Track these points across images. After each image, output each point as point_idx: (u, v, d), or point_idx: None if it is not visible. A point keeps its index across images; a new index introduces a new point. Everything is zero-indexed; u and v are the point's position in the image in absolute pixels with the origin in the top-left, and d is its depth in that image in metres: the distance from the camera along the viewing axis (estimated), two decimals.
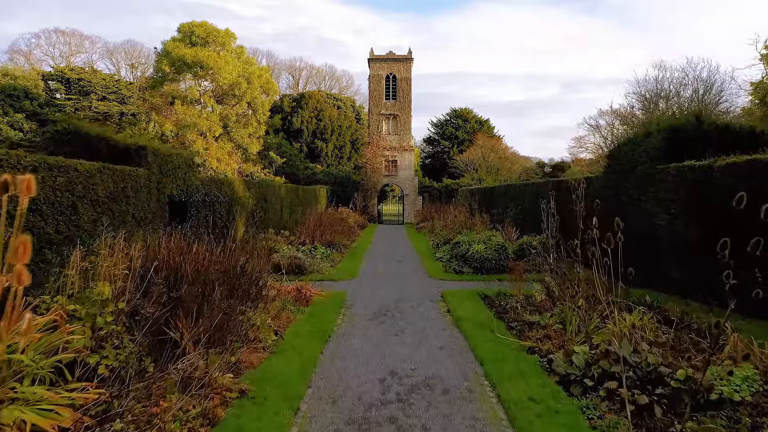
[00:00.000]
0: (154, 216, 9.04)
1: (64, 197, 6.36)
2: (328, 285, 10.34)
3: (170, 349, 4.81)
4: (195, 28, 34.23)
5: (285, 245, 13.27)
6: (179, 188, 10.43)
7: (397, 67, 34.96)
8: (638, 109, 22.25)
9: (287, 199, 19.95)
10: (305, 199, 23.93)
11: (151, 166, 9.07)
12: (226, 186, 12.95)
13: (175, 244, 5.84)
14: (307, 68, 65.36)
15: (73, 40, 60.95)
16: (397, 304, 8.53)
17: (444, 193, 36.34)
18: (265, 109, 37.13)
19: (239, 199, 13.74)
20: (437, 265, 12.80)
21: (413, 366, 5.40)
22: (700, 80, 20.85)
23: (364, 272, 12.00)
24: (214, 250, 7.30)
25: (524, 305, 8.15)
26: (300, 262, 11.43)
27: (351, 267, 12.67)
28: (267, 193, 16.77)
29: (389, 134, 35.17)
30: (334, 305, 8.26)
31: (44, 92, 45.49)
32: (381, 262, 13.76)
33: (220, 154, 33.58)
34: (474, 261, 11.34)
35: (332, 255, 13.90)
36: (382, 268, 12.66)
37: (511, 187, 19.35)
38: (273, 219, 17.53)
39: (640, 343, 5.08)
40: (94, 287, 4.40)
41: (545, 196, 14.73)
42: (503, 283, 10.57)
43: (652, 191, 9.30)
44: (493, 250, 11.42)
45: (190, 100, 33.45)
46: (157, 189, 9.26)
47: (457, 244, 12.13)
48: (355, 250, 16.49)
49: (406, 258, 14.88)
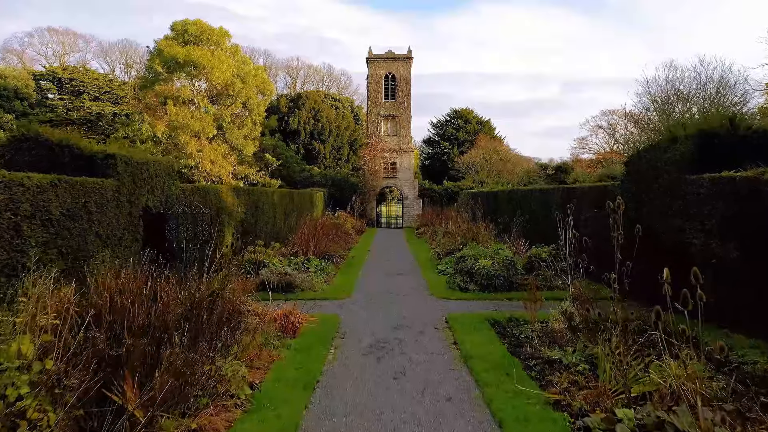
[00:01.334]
0: (124, 233, 8.05)
1: (3, 218, 5.38)
2: (320, 306, 9.37)
3: (113, 416, 3.84)
4: (188, 26, 33.22)
5: (275, 258, 12.30)
6: (157, 199, 9.46)
7: (396, 67, 33.98)
8: (653, 111, 21.29)
9: (281, 205, 18.98)
10: (300, 204, 22.95)
11: (122, 176, 8.09)
12: (212, 195, 11.98)
13: (126, 281, 4.85)
14: (305, 68, 64.41)
15: (67, 39, 59.93)
16: (396, 333, 7.56)
17: (444, 196, 35.38)
18: (261, 110, 36.12)
19: (227, 208, 12.77)
20: (440, 280, 11.84)
21: (416, 428, 4.43)
22: (712, 80, 19.93)
23: (360, 289, 11.03)
24: (186, 277, 6.35)
25: (540, 334, 7.19)
26: (290, 279, 10.45)
27: (346, 283, 11.70)
28: (259, 200, 15.79)
29: (388, 135, 34.19)
30: (326, 335, 7.30)
31: (35, 92, 44.45)
32: (379, 276, 12.79)
33: (214, 156, 32.57)
34: (480, 278, 10.37)
35: (327, 268, 12.92)
36: (380, 284, 11.69)
37: (515, 193, 18.39)
38: (265, 227, 16.56)
39: (698, 405, 4.11)
40: (9, 345, 3.42)
41: (556, 204, 13.74)
42: (514, 303, 9.63)
43: (680, 205, 8.33)
44: (501, 266, 10.46)
45: (182, 100, 32.45)
46: (128, 202, 8.28)
47: (462, 259, 11.16)
48: (351, 261, 15.51)
49: (406, 270, 13.91)
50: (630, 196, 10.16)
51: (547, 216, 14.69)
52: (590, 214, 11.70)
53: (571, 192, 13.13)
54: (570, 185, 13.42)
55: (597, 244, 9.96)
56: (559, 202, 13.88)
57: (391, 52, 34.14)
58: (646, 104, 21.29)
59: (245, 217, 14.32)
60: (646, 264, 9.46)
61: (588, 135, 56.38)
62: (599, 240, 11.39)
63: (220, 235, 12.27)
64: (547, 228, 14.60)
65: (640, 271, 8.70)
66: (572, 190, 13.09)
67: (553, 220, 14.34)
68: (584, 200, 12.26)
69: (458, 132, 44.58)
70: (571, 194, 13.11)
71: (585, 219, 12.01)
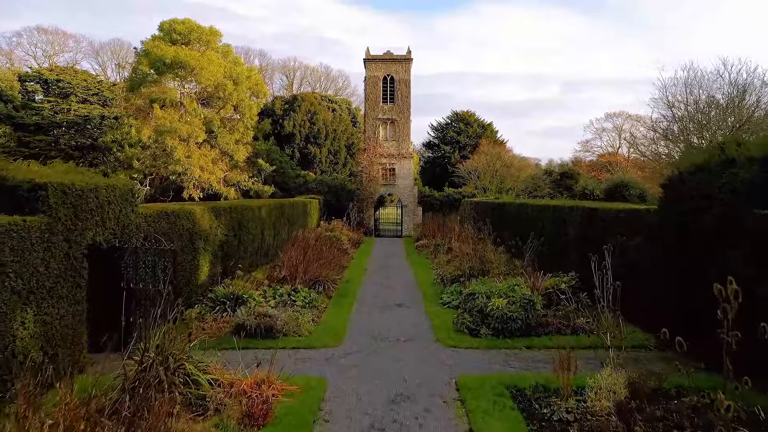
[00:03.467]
0: (58, 281, 6.49)
1: None
2: (304, 361, 7.84)
3: None
4: (176, 26, 31.66)
5: (257, 292, 10.74)
6: (109, 232, 7.90)
7: (395, 68, 32.42)
8: (671, 118, 19.74)
9: (270, 219, 17.42)
10: (293, 216, 21.41)
11: (56, 210, 6.53)
12: (184, 218, 10.42)
13: None
14: (302, 68, 62.88)
15: (57, 38, 58.31)
16: (395, 412, 6.01)
17: (445, 203, 33.83)
18: (254, 113, 34.53)
19: (202, 232, 11.22)
20: (446, 318, 10.30)
21: None
22: (736, 84, 18.41)
23: (353, 331, 9.48)
24: None
25: (579, 416, 5.66)
26: (271, 321, 8.89)
27: (337, 322, 10.14)
28: (243, 218, 14.23)
29: (387, 140, 32.64)
30: (305, 418, 5.74)
31: (20, 94, 42.83)
32: (375, 311, 11.24)
33: (204, 162, 31.01)
34: (494, 320, 8.84)
35: (316, 300, 11.38)
36: (377, 323, 10.15)
37: (525, 208, 16.84)
38: (251, 246, 15.00)
39: None
40: None
41: (574, 225, 12.08)
42: (535, 356, 8.11)
43: (745, 244, 6.79)
44: (518, 306, 8.92)
45: (170, 102, 30.86)
46: (66, 241, 6.72)
47: (471, 296, 9.62)
48: (346, 286, 13.95)
49: (407, 299, 12.37)
50: (672, 224, 8.66)
51: (563, 238, 13.18)
52: (618, 241, 10.18)
53: (593, 214, 11.59)
54: (591, 206, 11.85)
55: (627, 277, 8.45)
56: (578, 222, 12.35)
57: (389, 53, 32.58)
58: (665, 112, 19.76)
59: (226, 239, 12.77)
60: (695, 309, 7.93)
61: (592, 138, 55.04)
62: (630, 273, 9.89)
63: (193, 265, 10.73)
64: (564, 252, 13.09)
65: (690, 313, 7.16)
66: (594, 212, 11.54)
67: (571, 243, 12.86)
68: (610, 224, 10.73)
69: (459, 135, 43.01)
70: (593, 216, 11.58)
71: (612, 247, 10.48)
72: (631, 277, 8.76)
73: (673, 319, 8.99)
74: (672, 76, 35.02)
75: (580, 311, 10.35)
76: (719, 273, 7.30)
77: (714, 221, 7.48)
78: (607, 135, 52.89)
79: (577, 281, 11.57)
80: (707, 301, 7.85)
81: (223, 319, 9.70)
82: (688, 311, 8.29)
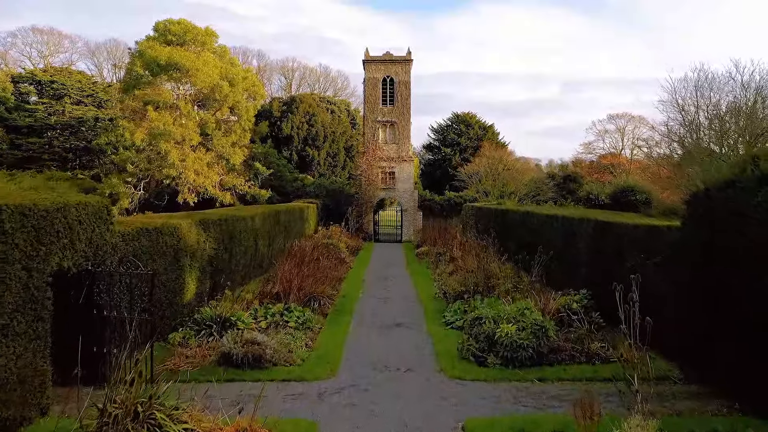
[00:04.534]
0: (14, 317, 5.75)
1: None
2: (294, 396, 7.11)
3: None
4: (171, 26, 30.91)
5: (246, 313, 9.99)
6: (80, 255, 7.17)
7: (395, 69, 31.68)
8: (679, 123, 18.97)
9: (264, 228, 16.70)
10: (289, 223, 20.69)
11: (11, 236, 5.78)
12: (168, 235, 9.69)
13: None
14: (301, 69, 62.09)
15: (52, 38, 57.54)
16: None
17: (446, 207, 33.10)
18: (250, 115, 33.76)
19: (188, 248, 10.49)
20: (449, 341, 9.57)
21: None
22: (749, 87, 17.69)
23: (348, 360, 8.72)
24: None
25: None
26: (260, 350, 8.15)
27: (332, 346, 9.40)
28: (235, 229, 13.51)
29: (386, 143, 31.90)
30: None
31: (13, 96, 42.05)
32: (373, 332, 10.50)
33: (199, 166, 30.25)
34: (503, 348, 8.11)
35: (310, 321, 10.64)
36: (374, 349, 9.39)
37: (530, 217, 16.11)
38: (243, 260, 14.28)
39: None
40: None
41: (585, 237, 11.28)
42: (548, 389, 7.39)
43: None
44: (528, 333, 8.19)
45: (164, 104, 30.10)
46: (25, 269, 5.98)
47: (478, 321, 8.88)
48: (342, 303, 13.19)
49: (407, 318, 11.64)
50: (695, 244, 7.93)
51: (572, 251, 12.46)
52: (636, 261, 9.45)
53: (606, 227, 10.85)
54: (607, 219, 11.11)
55: (646, 297, 7.72)
56: (589, 236, 11.62)
57: (389, 54, 31.83)
58: (674, 115, 18.98)
59: (216, 254, 12.04)
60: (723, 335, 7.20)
61: (594, 140, 54.27)
62: (650, 295, 9.16)
63: (178, 284, 10.00)
64: (573, 266, 12.37)
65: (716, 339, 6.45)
66: (607, 226, 10.80)
67: (581, 257, 12.12)
68: (626, 240, 9.99)
69: (460, 137, 42.23)
70: (606, 230, 10.85)
71: (631, 267, 9.75)
72: (650, 299, 8.06)
73: (697, 346, 8.31)
74: (681, 77, 34.40)
75: (593, 334, 9.64)
76: (752, 297, 6.61)
77: (747, 241, 6.75)
78: (610, 137, 52.14)
79: (590, 299, 10.87)
80: (735, 325, 7.21)
81: (208, 345, 8.95)
82: (714, 337, 7.58)
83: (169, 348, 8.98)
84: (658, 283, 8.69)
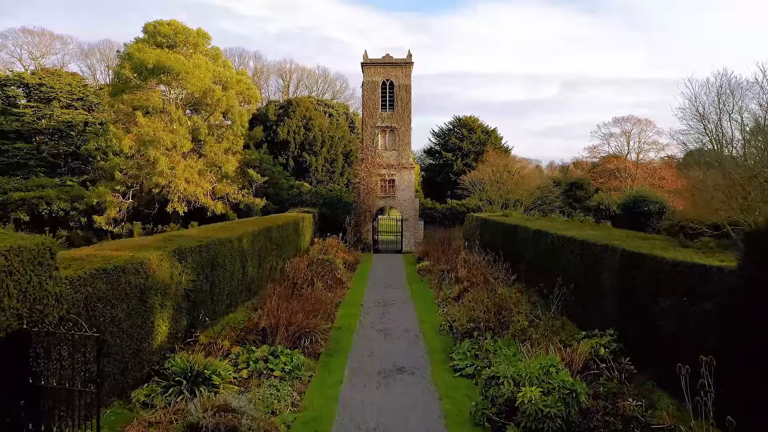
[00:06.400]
0: None
1: None
2: None
3: None
4: (161, 27, 29.58)
5: (224, 362, 8.65)
6: (12, 313, 5.83)
7: (394, 73, 30.32)
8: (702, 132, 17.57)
9: (254, 249, 15.32)
10: (282, 239, 19.30)
11: None
12: (133, 273, 8.33)
13: None
14: (298, 71, 60.77)
15: (43, 40, 56.05)
16: None
17: (448, 216, 31.74)
18: (244, 120, 32.45)
19: (158, 284, 9.13)
20: (460, 397, 8.24)
21: None
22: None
23: (342, 425, 7.39)
24: None
25: None
26: (234, 420, 6.80)
27: (323, 407, 8.04)
28: (218, 254, 12.14)
29: (386, 150, 30.53)
30: None
31: (1, 99, 40.67)
32: (372, 381, 9.13)
33: (189, 174, 28.93)
34: (526, 418, 6.77)
35: (299, 368, 9.29)
36: (371, 410, 8.04)
37: (545, 237, 14.71)
38: (228, 287, 12.90)
39: None
40: None
41: (609, 270, 9.81)
42: None
43: None
44: (555, 398, 6.86)
45: (153, 109, 28.77)
46: None
47: (494, 380, 7.54)
48: (337, 337, 11.84)
49: (410, 359, 10.27)
50: (761, 290, 6.60)
51: (594, 282, 11.12)
52: (671, 301, 8.15)
53: (636, 260, 9.49)
54: (634, 247, 9.74)
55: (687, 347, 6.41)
56: (615, 268, 10.26)
57: (389, 57, 30.47)
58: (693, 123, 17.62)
59: (195, 286, 10.69)
60: None
61: (600, 143, 52.92)
62: (690, 343, 7.85)
63: (144, 330, 8.64)
64: (597, 298, 11.04)
65: None
66: (639, 258, 9.43)
67: (606, 290, 10.76)
68: (663, 278, 8.64)
69: (462, 142, 40.87)
70: (636, 264, 9.48)
71: (665, 309, 8.42)
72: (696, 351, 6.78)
73: (754, 413, 7.02)
74: (704, 81, 32.90)
75: (625, 385, 8.33)
76: None
77: None
78: (616, 140, 50.79)
79: (617, 342, 9.55)
80: None
81: (177, 406, 7.60)
82: None
83: (131, 409, 7.65)
84: (707, 334, 7.38)
